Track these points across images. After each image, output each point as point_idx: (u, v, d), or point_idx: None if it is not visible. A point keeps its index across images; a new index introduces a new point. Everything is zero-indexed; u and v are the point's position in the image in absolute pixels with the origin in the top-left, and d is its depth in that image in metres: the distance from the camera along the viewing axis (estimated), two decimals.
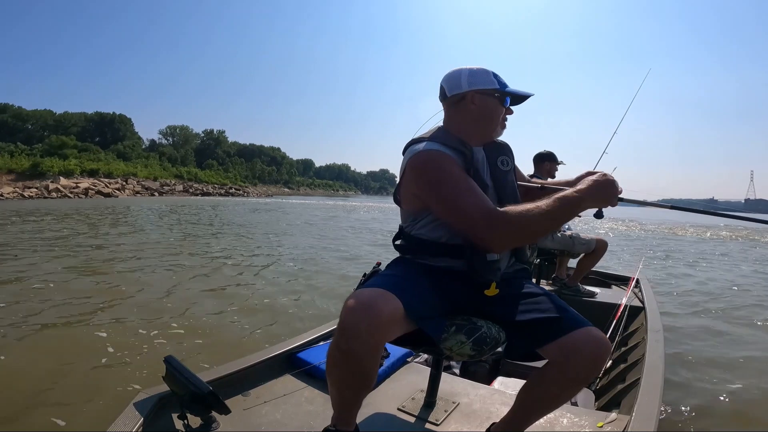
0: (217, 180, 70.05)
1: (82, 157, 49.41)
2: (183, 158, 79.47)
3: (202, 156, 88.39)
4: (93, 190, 38.47)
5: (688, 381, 3.10)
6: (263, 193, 75.33)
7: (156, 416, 1.43)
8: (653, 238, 18.46)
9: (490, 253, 1.31)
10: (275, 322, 4.20)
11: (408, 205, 1.45)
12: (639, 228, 24.65)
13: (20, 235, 10.00)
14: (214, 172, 75.90)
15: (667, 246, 14.74)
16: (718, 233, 23.23)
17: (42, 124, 68.69)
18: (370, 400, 1.63)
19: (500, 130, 1.52)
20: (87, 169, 43.44)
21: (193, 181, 63.00)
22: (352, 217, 24.17)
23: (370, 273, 1.52)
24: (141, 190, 46.70)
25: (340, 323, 1.10)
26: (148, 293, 5.04)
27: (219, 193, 59.98)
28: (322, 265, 7.65)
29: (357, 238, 12.74)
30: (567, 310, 1.28)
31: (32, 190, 33.57)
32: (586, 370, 1.19)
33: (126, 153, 64.27)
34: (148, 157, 68.50)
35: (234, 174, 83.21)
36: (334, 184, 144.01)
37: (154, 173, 56.87)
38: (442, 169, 1.32)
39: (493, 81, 1.45)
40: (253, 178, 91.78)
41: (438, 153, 1.35)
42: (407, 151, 1.44)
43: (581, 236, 3.81)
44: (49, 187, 35.10)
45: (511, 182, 1.51)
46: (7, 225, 12.21)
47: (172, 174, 61.53)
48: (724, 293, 6.55)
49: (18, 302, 4.42)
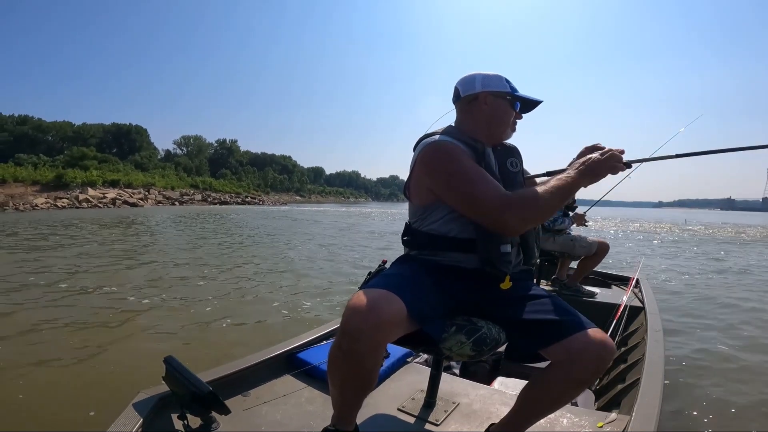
0: (231, 189, 70.28)
1: (103, 167, 50.00)
2: (198, 168, 79.99)
3: (215, 165, 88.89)
4: (119, 200, 39.34)
5: (688, 381, 3.05)
6: (277, 201, 75.52)
7: (156, 416, 1.40)
8: (653, 238, 18.30)
9: (505, 236, 1.32)
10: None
11: (418, 199, 1.43)
12: (638, 229, 24.46)
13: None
14: (228, 181, 76.25)
15: (668, 246, 14.60)
16: (723, 233, 23.04)
17: (62, 135, 69.43)
18: (370, 400, 1.59)
19: (510, 133, 1.52)
20: (108, 180, 44.03)
21: (209, 190, 63.35)
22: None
23: (375, 272, 1.50)
24: (162, 199, 47.29)
25: (342, 323, 1.08)
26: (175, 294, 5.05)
27: (236, 202, 60.13)
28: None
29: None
30: (571, 311, 1.26)
31: (64, 201, 34.44)
32: (590, 372, 1.18)
33: (143, 163, 64.93)
34: (165, 168, 69.12)
35: (247, 183, 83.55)
36: (344, 191, 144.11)
37: (172, 183, 57.35)
38: (454, 158, 1.33)
39: (505, 85, 1.47)
40: (265, 186, 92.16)
41: (450, 144, 1.36)
42: (419, 145, 1.44)
43: (582, 239, 3.76)
44: (79, 198, 36.01)
45: (519, 183, 1.50)
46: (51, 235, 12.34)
47: (188, 184, 61.91)
48: (725, 293, 6.45)
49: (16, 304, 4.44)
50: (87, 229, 14.24)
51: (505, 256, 1.33)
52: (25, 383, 2.69)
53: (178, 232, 13.96)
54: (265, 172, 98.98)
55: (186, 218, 22.49)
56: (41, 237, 11.49)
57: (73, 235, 11.98)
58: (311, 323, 3.82)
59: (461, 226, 1.36)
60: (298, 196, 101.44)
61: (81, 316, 4.07)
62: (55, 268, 6.75)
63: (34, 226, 14.59)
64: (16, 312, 4.23)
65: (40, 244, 9.85)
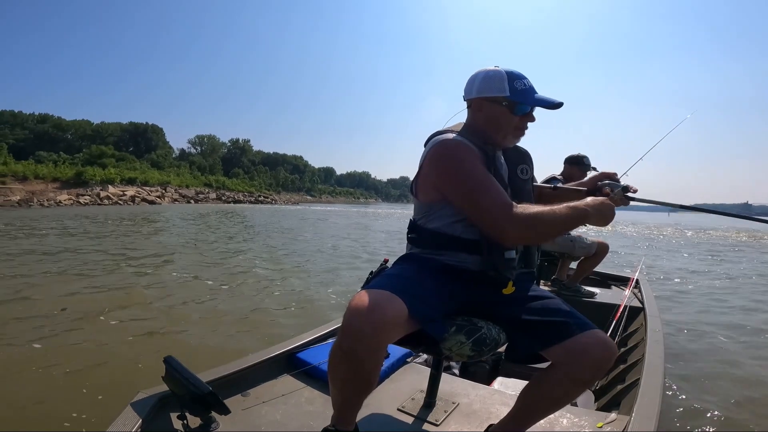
0: (244, 188, 70.74)
1: (120, 166, 50.57)
2: (211, 167, 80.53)
3: (228, 164, 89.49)
4: (138, 197, 40.41)
5: (688, 381, 3.01)
6: (288, 200, 75.96)
7: (155, 416, 1.38)
8: (654, 238, 18.15)
9: (502, 245, 1.28)
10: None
11: (425, 196, 1.39)
12: (640, 228, 24.29)
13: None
14: (240, 181, 76.71)
15: (668, 246, 14.48)
16: (724, 234, 22.77)
17: (81, 133, 70.29)
18: (369, 400, 1.56)
19: (511, 139, 1.41)
20: (126, 178, 44.69)
21: (223, 189, 63.71)
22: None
23: (377, 271, 1.47)
24: (178, 197, 48.10)
25: (343, 324, 1.05)
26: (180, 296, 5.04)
27: (249, 201, 60.69)
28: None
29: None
30: (572, 313, 1.24)
31: (86, 198, 35.55)
32: (591, 373, 1.16)
33: (159, 162, 65.58)
34: (180, 166, 69.66)
35: (259, 182, 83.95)
36: (354, 192, 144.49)
37: (186, 182, 57.90)
38: (464, 159, 1.28)
39: (503, 88, 1.34)
40: (276, 186, 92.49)
41: (463, 144, 1.32)
42: (431, 141, 1.40)
43: (582, 239, 3.71)
44: (101, 195, 37.12)
45: (528, 191, 1.46)
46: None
47: (201, 182, 62.51)
48: (724, 293, 6.38)
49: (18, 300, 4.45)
50: (109, 224, 14.36)
51: (510, 263, 1.31)
52: (24, 383, 2.67)
53: (209, 232, 13.89)
54: (276, 172, 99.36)
55: (205, 216, 22.73)
56: (83, 232, 11.61)
57: (98, 232, 12.10)
58: (315, 323, 3.80)
59: (466, 227, 1.32)
60: (308, 196, 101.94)
61: (81, 316, 4.05)
62: (63, 264, 6.81)
63: (62, 221, 14.68)
64: (16, 312, 4.20)
65: (71, 241, 9.93)
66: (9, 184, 32.68)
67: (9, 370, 2.86)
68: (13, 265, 6.58)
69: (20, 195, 31.46)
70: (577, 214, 1.25)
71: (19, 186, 33.20)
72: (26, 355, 3.11)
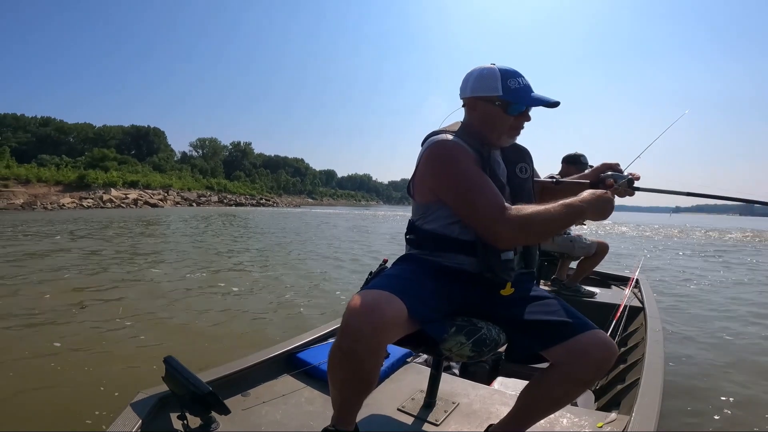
0: (245, 191, 70.68)
1: (122, 169, 50.56)
2: (213, 170, 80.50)
3: (230, 167, 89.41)
4: (141, 200, 40.36)
5: (688, 381, 3.00)
6: (290, 203, 75.86)
7: (155, 416, 1.37)
8: (654, 239, 18.12)
9: (496, 247, 1.26)
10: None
11: (421, 197, 1.38)
12: (639, 229, 24.25)
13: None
14: (241, 183, 76.66)
15: (668, 246, 14.45)
16: (724, 234, 22.73)
17: (83, 137, 70.09)
18: (369, 400, 1.55)
19: (507, 138, 1.39)
20: (128, 181, 44.70)
21: (225, 191, 63.70)
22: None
23: (376, 272, 1.46)
24: (181, 200, 48.12)
25: (342, 324, 1.05)
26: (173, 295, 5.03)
27: (251, 204, 60.56)
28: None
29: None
30: (573, 313, 1.23)
31: (89, 201, 35.52)
32: (592, 373, 1.15)
33: (161, 165, 65.52)
34: (181, 169, 69.61)
35: (260, 185, 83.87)
36: (356, 194, 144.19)
37: (188, 184, 57.91)
38: (458, 160, 1.27)
39: (496, 88, 1.32)
40: (278, 188, 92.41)
41: (457, 145, 1.30)
42: (427, 141, 1.38)
43: (582, 239, 3.70)
44: (104, 198, 37.07)
45: (528, 190, 1.44)
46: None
47: (203, 185, 62.48)
48: (724, 293, 6.37)
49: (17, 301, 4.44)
50: (112, 228, 14.36)
51: (507, 264, 1.29)
52: (24, 383, 2.66)
53: (212, 236, 13.85)
54: (278, 175, 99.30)
55: (207, 218, 22.68)
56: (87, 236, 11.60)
57: (104, 236, 12.08)
58: (314, 323, 3.79)
59: (463, 228, 1.31)
60: (310, 199, 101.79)
61: (81, 316, 4.05)
62: (66, 264, 6.81)
63: (59, 225, 14.70)
64: (15, 311, 4.21)
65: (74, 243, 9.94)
66: (12, 187, 32.75)
67: (9, 369, 2.86)
68: (17, 265, 6.59)
69: (23, 198, 31.54)
70: (573, 212, 1.23)
71: (22, 189, 33.25)
72: (26, 355, 3.10)
